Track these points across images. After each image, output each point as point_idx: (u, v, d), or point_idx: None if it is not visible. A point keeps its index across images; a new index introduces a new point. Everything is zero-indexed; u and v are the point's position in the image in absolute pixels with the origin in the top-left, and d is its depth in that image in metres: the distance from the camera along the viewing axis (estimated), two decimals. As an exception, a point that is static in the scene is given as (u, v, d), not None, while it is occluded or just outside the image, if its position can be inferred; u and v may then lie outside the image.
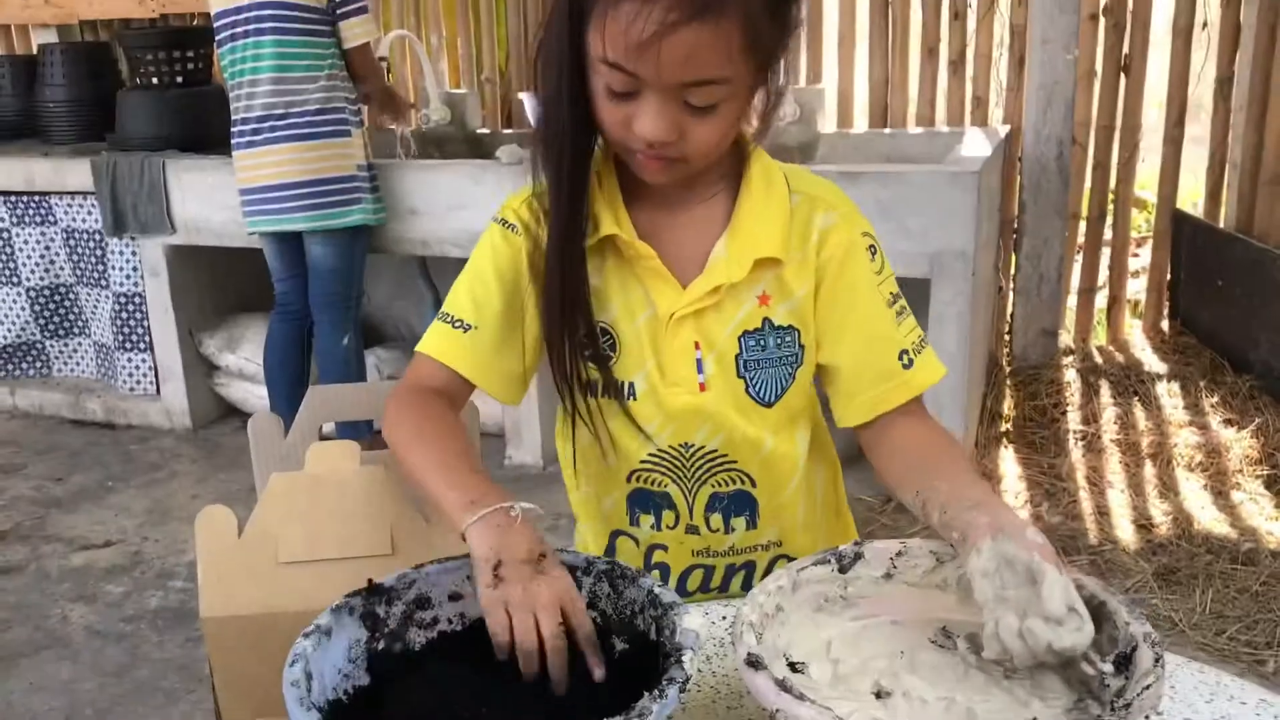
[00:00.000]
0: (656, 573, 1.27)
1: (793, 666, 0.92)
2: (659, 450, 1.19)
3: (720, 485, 1.21)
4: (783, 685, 0.79)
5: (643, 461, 1.20)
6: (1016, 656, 0.89)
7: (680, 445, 1.18)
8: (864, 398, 1.15)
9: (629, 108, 1.01)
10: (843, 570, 0.99)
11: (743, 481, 1.21)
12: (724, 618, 1.13)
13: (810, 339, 1.16)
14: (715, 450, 1.18)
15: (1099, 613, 0.89)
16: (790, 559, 1.22)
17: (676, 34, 0.94)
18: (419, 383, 1.15)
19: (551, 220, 1.12)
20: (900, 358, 1.15)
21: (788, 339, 1.16)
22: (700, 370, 1.15)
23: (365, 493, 1.12)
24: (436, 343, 1.16)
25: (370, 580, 0.96)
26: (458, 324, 1.15)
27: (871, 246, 1.16)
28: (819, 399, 1.25)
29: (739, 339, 1.15)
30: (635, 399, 1.17)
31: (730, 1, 0.94)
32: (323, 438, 3.66)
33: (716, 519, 1.22)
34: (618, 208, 1.14)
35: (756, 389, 1.16)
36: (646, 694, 0.78)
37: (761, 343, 1.15)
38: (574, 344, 1.14)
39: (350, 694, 0.91)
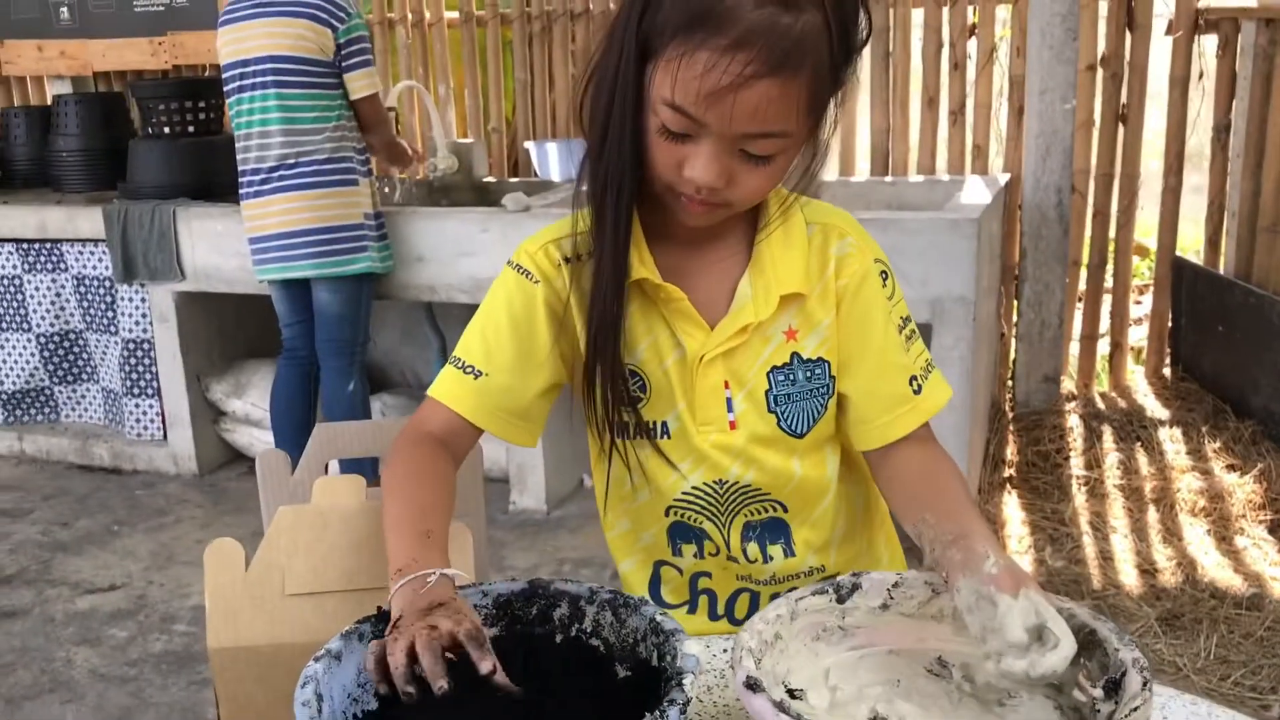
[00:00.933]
0: (705, 599, 1.29)
1: (791, 693, 0.94)
2: (693, 488, 1.21)
3: (752, 515, 1.22)
4: (781, 707, 0.81)
5: (677, 499, 1.22)
6: (1012, 689, 0.91)
7: (714, 482, 1.20)
8: (876, 424, 1.17)
9: (683, 150, 1.02)
10: (841, 600, 1.01)
11: (775, 509, 1.22)
12: (724, 650, 1.14)
13: (836, 369, 1.18)
14: (749, 485, 1.20)
15: (1089, 640, 0.91)
16: None
17: (752, 87, 0.95)
18: (421, 426, 1.17)
19: (603, 261, 1.11)
20: (911, 383, 1.17)
21: (817, 371, 1.18)
22: (730, 409, 1.17)
23: (371, 525, 1.14)
24: (446, 387, 1.17)
25: (380, 607, 0.98)
26: (469, 370, 1.16)
27: (884, 272, 1.19)
28: None
29: (768, 375, 1.17)
30: (669, 438, 1.19)
31: (807, 59, 0.96)
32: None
33: (754, 548, 1.23)
34: (642, 249, 1.14)
35: (788, 422, 1.18)
36: (648, 715, 0.80)
37: (791, 377, 1.17)
38: (615, 386, 1.14)
39: (359, 717, 0.92)
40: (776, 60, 0.95)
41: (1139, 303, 4.72)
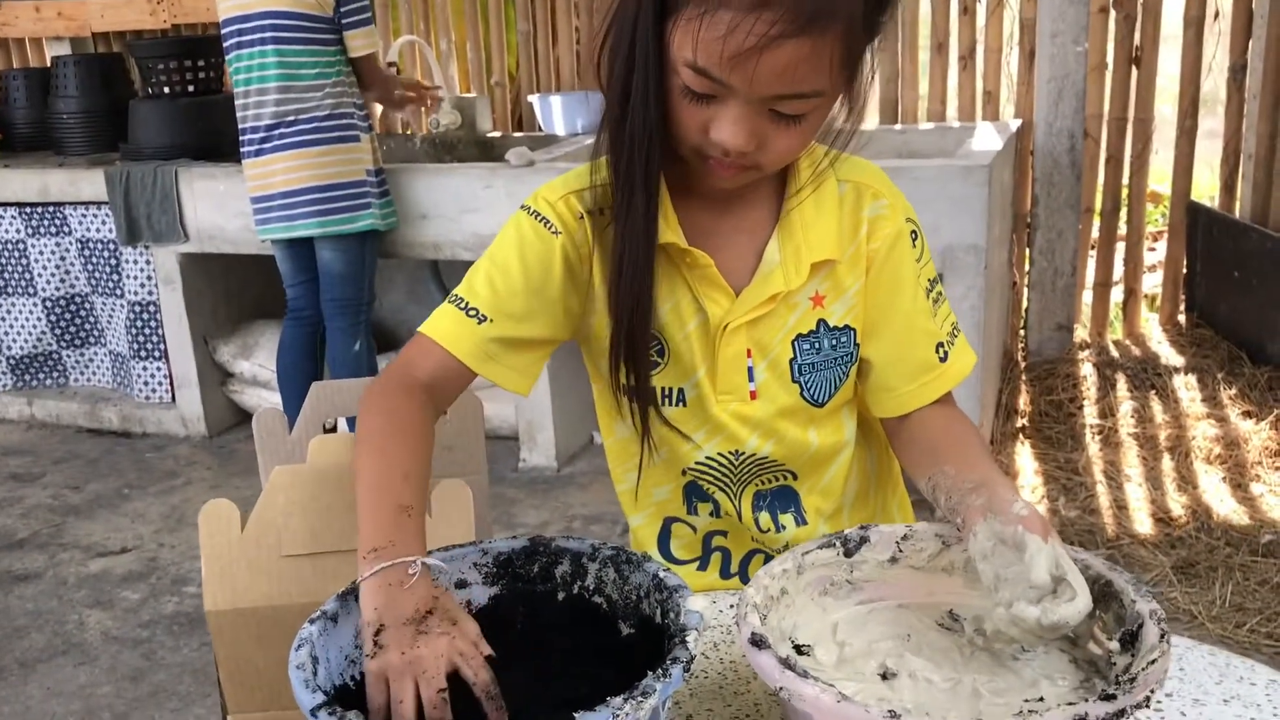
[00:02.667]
0: (718, 556, 1.26)
1: (798, 649, 0.92)
2: (707, 458, 1.17)
3: (763, 484, 1.19)
4: (787, 664, 0.79)
5: (692, 466, 1.19)
6: (1023, 642, 0.88)
7: (730, 453, 1.17)
8: (900, 392, 1.13)
9: (708, 111, 0.96)
10: (848, 554, 0.98)
11: (785, 477, 1.19)
12: (731, 605, 1.12)
13: (861, 335, 1.14)
14: (765, 456, 1.17)
15: (1105, 591, 0.88)
16: None
17: (779, 47, 0.89)
18: (409, 370, 1.08)
19: (627, 225, 1.04)
20: (937, 350, 1.13)
21: (843, 339, 1.13)
22: (751, 378, 1.13)
23: (369, 484, 1.12)
24: (445, 327, 1.09)
25: (355, 582, 0.95)
26: (472, 312, 1.09)
27: (914, 232, 1.13)
28: None
29: (793, 343, 1.12)
30: (685, 405, 1.14)
31: (837, 15, 0.89)
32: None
33: (765, 518, 1.21)
34: (668, 210, 1.08)
35: (811, 392, 1.14)
36: (650, 673, 0.78)
37: (816, 345, 1.12)
38: (640, 358, 1.09)
39: (356, 680, 0.91)
40: (805, 17, 0.88)
41: (1153, 249, 4.66)
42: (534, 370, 1.14)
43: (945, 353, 1.13)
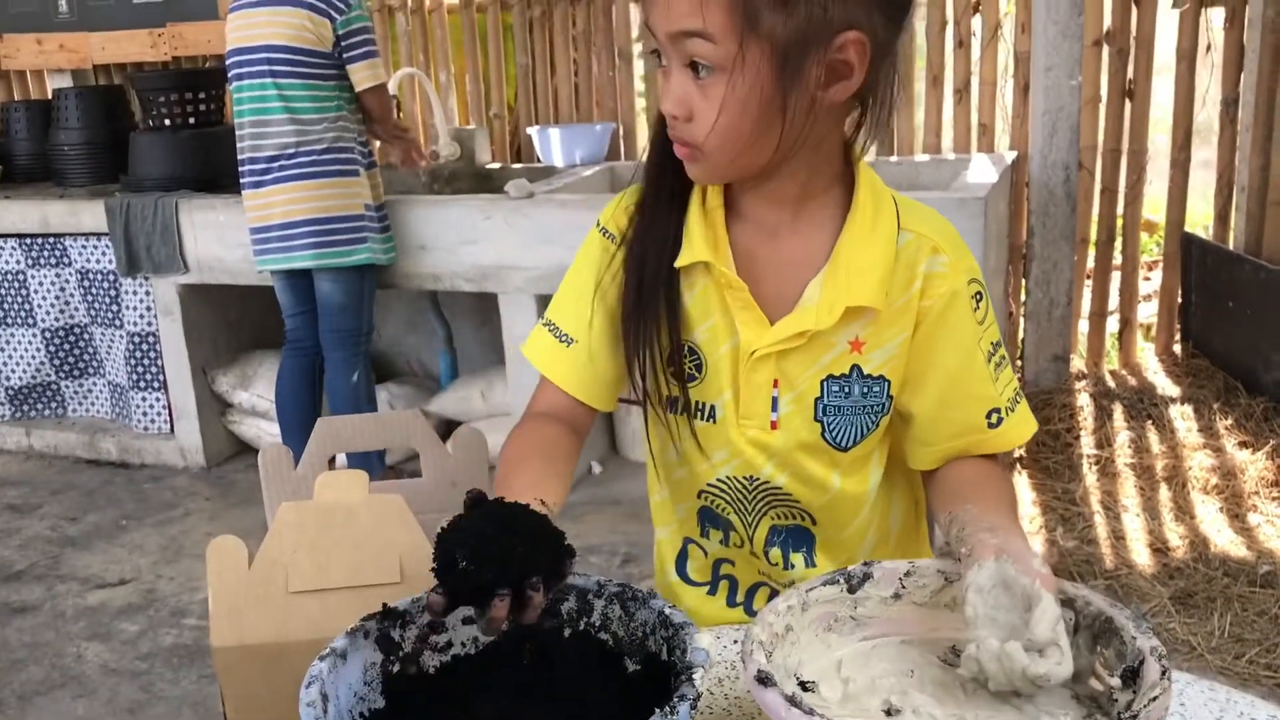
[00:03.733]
0: (725, 584, 1.26)
1: (803, 685, 0.92)
2: (725, 478, 1.18)
3: (779, 519, 1.19)
4: (793, 701, 0.79)
5: (709, 485, 1.19)
6: (991, 679, 0.88)
7: (745, 477, 1.17)
8: (937, 449, 1.13)
9: (664, 85, 1.03)
10: (852, 590, 0.99)
11: (802, 519, 1.19)
12: (735, 641, 1.13)
13: (897, 388, 1.12)
14: (780, 487, 1.16)
15: (1106, 627, 0.89)
16: None
17: None
18: (530, 403, 1.19)
19: (636, 231, 1.12)
20: (989, 417, 1.11)
21: (875, 389, 1.12)
22: (775, 409, 1.12)
23: (374, 521, 1.13)
24: (544, 356, 1.17)
25: (385, 604, 0.96)
26: (562, 337, 1.16)
27: (978, 294, 1.11)
28: None
29: (822, 382, 1.11)
30: (714, 422, 1.15)
31: None
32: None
33: (776, 553, 1.21)
34: (718, 230, 1.10)
35: (833, 434, 1.13)
36: (658, 710, 0.79)
37: (846, 389, 1.11)
38: (654, 358, 1.12)
39: (366, 716, 0.91)
40: None
41: (1147, 279, 4.69)
42: (618, 384, 1.19)
43: (999, 419, 1.11)
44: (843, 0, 0.97)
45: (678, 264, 1.10)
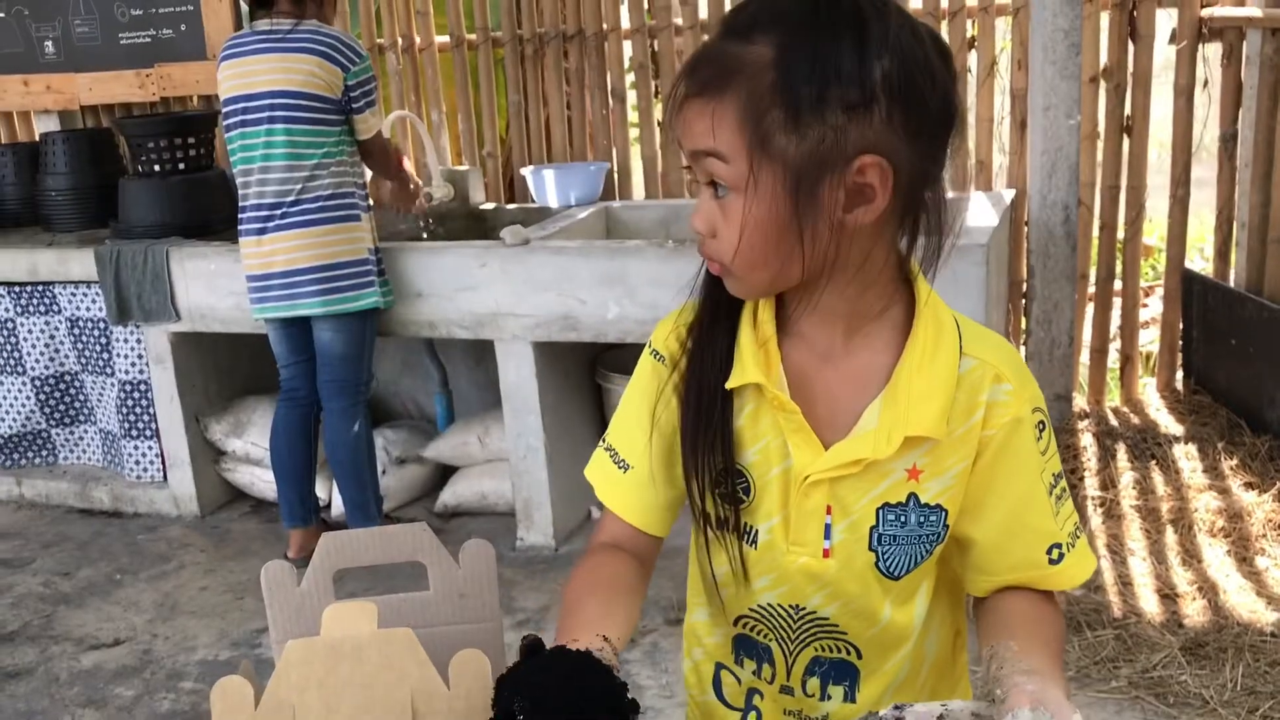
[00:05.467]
0: (754, 716, 1.22)
1: None
2: (769, 605, 1.14)
3: (823, 650, 1.15)
4: None
5: (750, 610, 1.16)
6: None
7: (791, 606, 1.13)
8: (997, 580, 1.10)
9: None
10: (885, 737, 0.95)
11: (848, 652, 1.15)
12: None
13: (953, 518, 1.09)
14: (827, 618, 1.13)
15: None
16: None
17: (688, 105, 1.00)
18: (598, 535, 1.19)
19: (690, 351, 1.11)
20: (1050, 552, 1.07)
21: (933, 518, 1.08)
22: (828, 536, 1.09)
23: (384, 657, 1.08)
24: (605, 486, 1.17)
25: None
26: (620, 462, 1.17)
27: (1041, 423, 1.08)
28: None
29: (877, 511, 1.08)
30: (756, 548, 1.12)
31: (738, 84, 0.96)
32: (330, 525, 3.62)
33: (814, 683, 1.17)
34: (770, 349, 1.08)
35: (887, 563, 1.09)
36: None
37: (903, 519, 1.08)
38: (709, 480, 1.11)
39: None
40: (704, 80, 0.98)
41: (1145, 305, 4.67)
42: (674, 507, 1.18)
43: (1060, 555, 1.07)
44: (861, 123, 0.95)
45: (729, 385, 1.08)
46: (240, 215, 3.33)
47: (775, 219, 0.98)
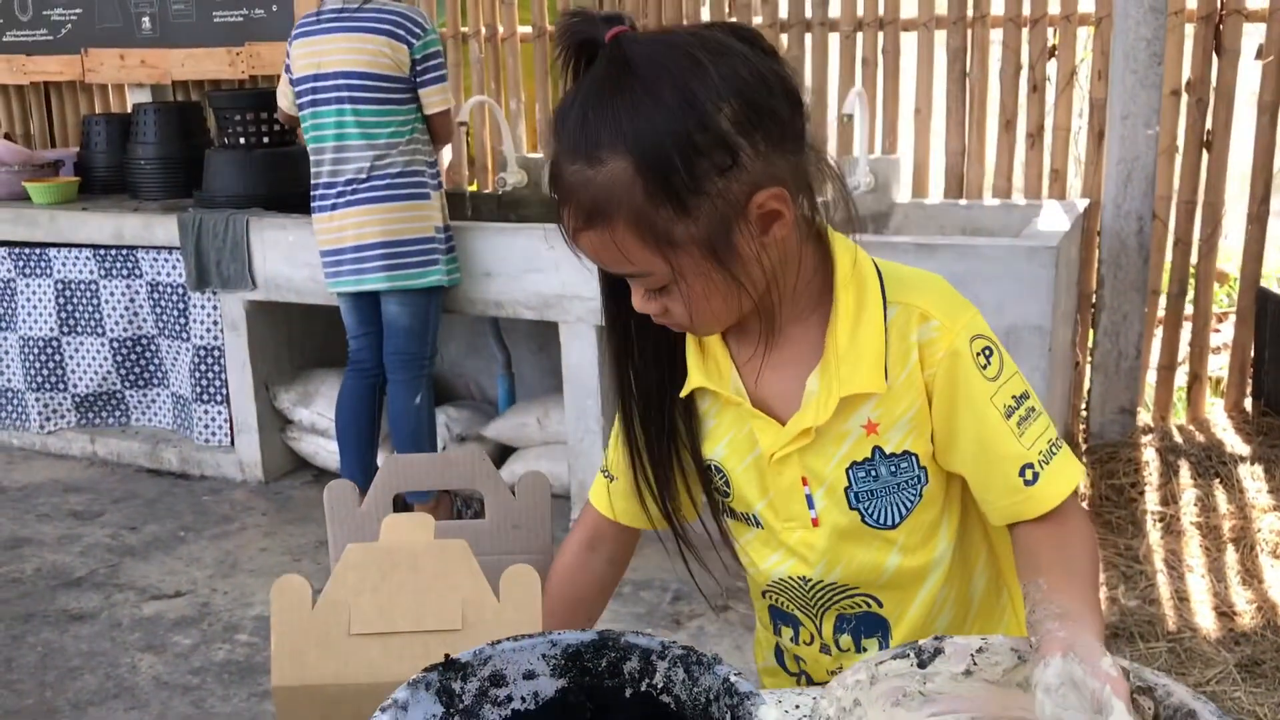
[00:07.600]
0: (804, 679, 1.29)
1: (869, 764, 0.90)
2: (781, 579, 1.20)
3: (846, 609, 1.19)
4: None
5: (770, 585, 1.22)
6: None
7: (800, 578, 1.18)
8: (996, 506, 1.11)
9: None
10: (922, 665, 0.97)
11: (868, 604, 1.18)
12: (796, 706, 1.11)
13: (928, 458, 1.12)
14: (835, 583, 1.17)
15: (1190, 722, 0.86)
16: None
17: (583, 238, 1.01)
18: (574, 530, 1.33)
19: (639, 369, 1.17)
20: (1023, 474, 1.07)
21: (903, 465, 1.11)
22: (811, 506, 1.14)
23: (438, 566, 1.12)
24: (595, 495, 1.30)
25: (446, 655, 0.96)
26: (607, 474, 1.27)
27: (986, 349, 1.08)
28: None
29: (847, 471, 1.12)
30: (761, 529, 1.19)
31: (616, 208, 0.98)
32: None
33: (846, 639, 1.21)
34: (709, 346, 1.15)
35: (874, 516, 1.13)
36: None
37: (873, 472, 1.11)
38: (683, 480, 1.20)
39: (422, 772, 0.90)
40: (585, 214, 0.99)
41: (1217, 330, 4.59)
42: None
43: (1035, 475, 1.07)
44: (739, 173, 0.99)
45: (682, 394, 1.15)
46: (313, 192, 3.41)
47: (712, 284, 1.03)
